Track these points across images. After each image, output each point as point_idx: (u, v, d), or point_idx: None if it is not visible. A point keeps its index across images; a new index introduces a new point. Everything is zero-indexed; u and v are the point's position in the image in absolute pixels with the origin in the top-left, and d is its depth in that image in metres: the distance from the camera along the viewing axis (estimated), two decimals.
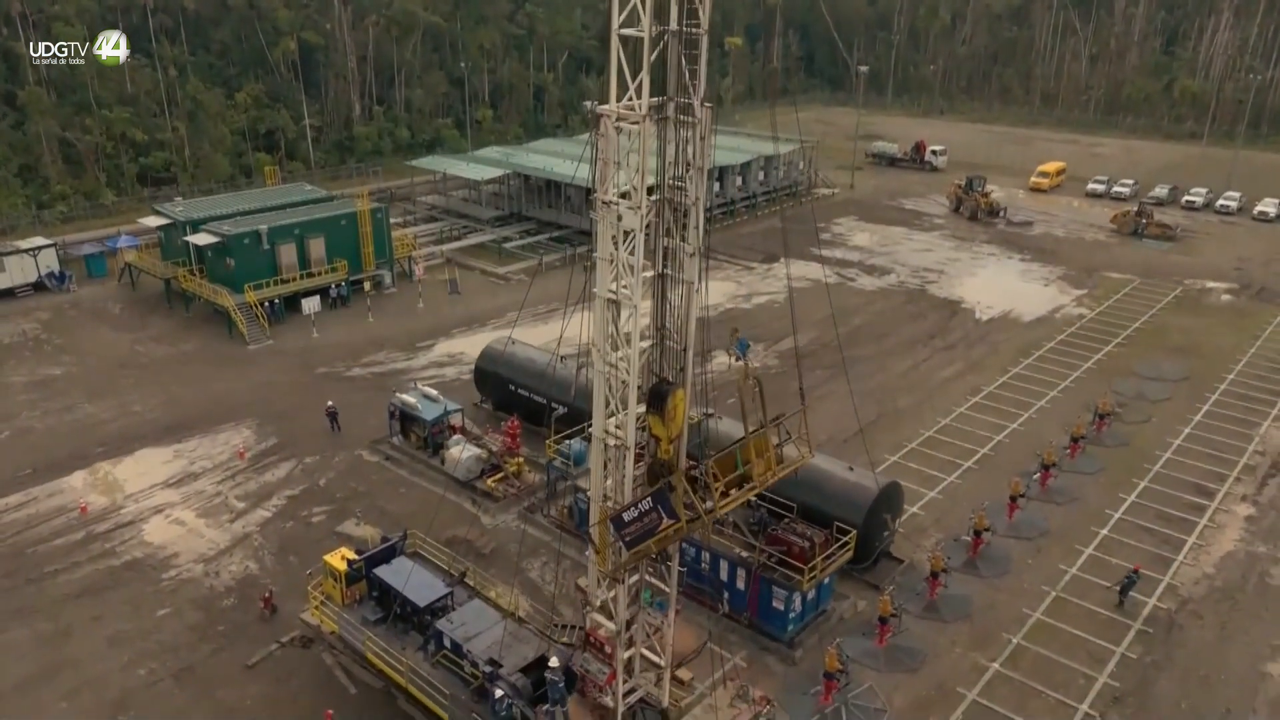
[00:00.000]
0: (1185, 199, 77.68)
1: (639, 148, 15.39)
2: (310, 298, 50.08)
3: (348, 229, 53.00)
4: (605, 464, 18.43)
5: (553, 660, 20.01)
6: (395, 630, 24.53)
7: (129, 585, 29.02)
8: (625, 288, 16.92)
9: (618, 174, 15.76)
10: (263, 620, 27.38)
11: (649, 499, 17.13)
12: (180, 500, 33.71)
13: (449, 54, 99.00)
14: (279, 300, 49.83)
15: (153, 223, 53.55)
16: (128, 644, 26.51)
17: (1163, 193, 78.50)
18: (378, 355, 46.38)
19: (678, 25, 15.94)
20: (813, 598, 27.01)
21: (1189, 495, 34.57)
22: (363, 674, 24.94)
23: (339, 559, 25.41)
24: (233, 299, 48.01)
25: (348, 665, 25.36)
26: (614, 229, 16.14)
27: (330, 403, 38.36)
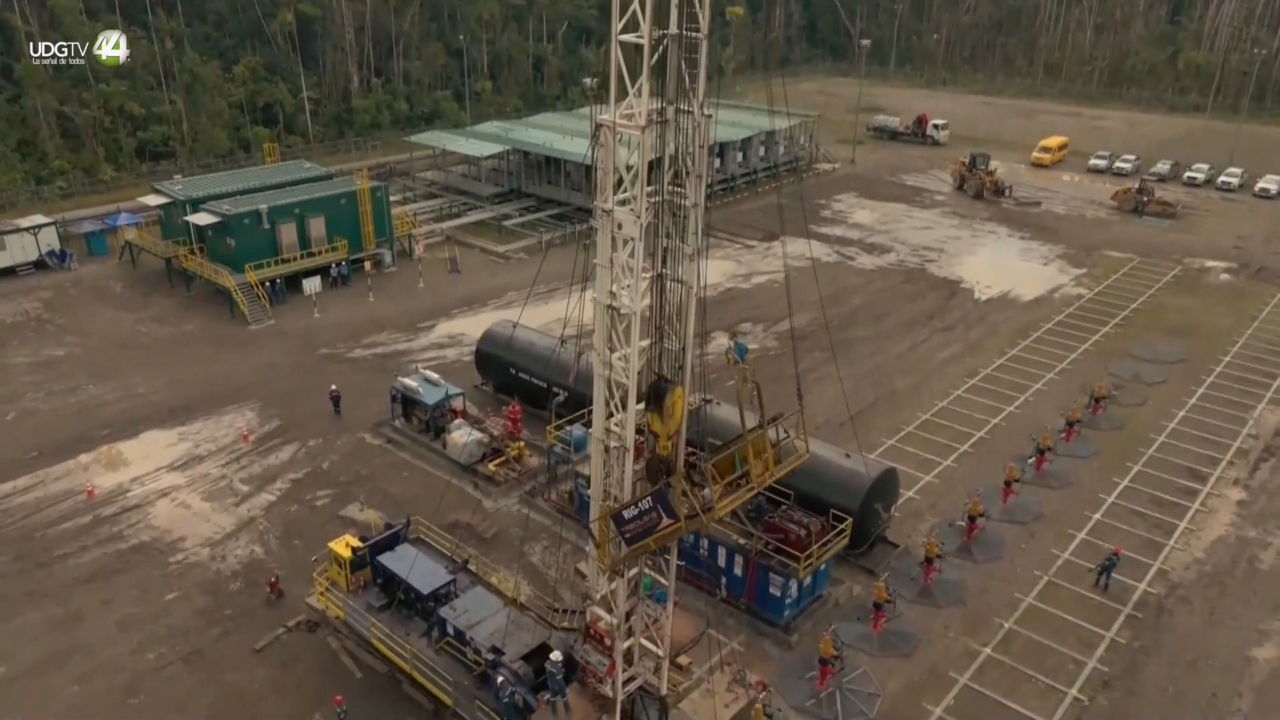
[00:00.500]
0: (1187, 175, 77.45)
1: (639, 157, 15.52)
2: (311, 278, 50.20)
3: (348, 208, 53.01)
4: (605, 463, 18.73)
5: (554, 654, 20.48)
6: (399, 616, 25.05)
7: (137, 569, 29.53)
8: (625, 289, 17.12)
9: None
10: (269, 604, 27.89)
11: (649, 498, 17.47)
12: (186, 483, 34.14)
13: (447, 25, 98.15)
14: (280, 280, 49.97)
15: (152, 201, 53.53)
16: (137, 628, 27.04)
17: (1164, 169, 78.24)
18: (379, 336, 46.62)
19: (677, 30, 16.05)
20: (809, 583, 27.50)
21: (1182, 479, 34.99)
22: (368, 658, 25.49)
23: (343, 546, 25.86)
24: (234, 279, 48.16)
25: (353, 650, 25.90)
26: (614, 235, 16.31)
27: (334, 387, 38.67)
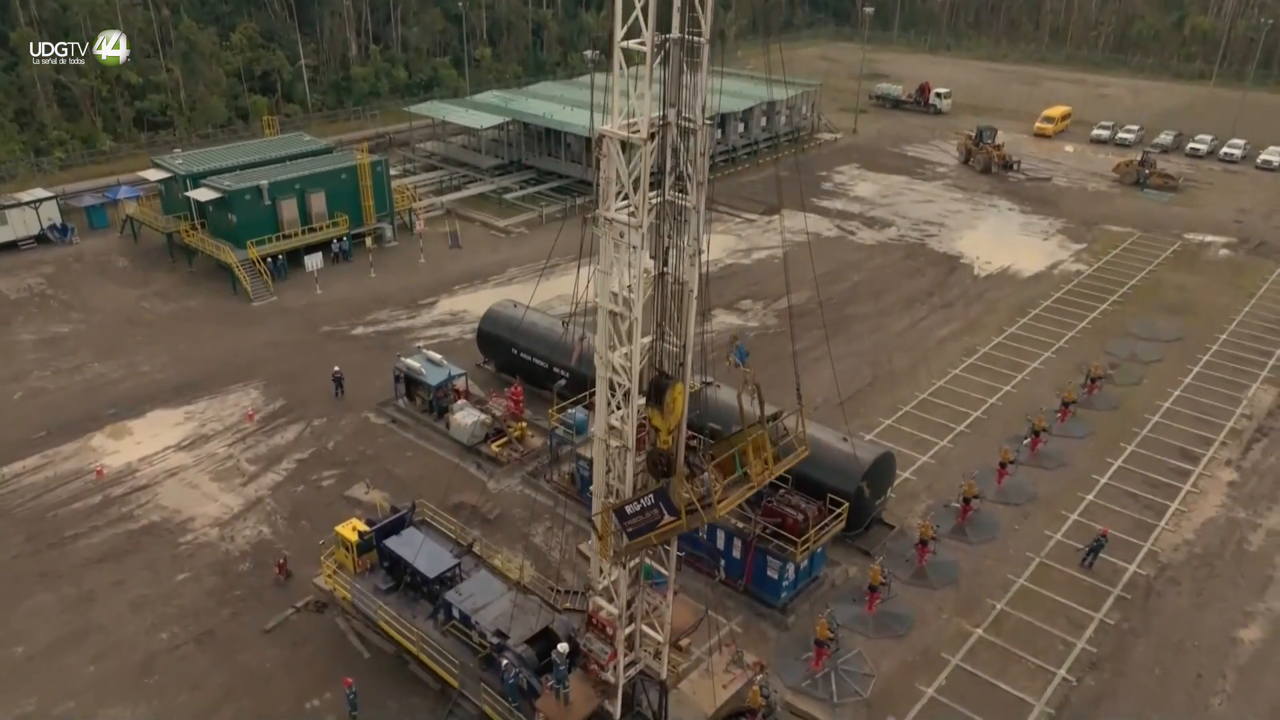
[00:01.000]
0: (1189, 146, 77.15)
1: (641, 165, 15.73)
2: (313, 254, 50.28)
3: (348, 182, 52.95)
4: (607, 460, 19.15)
5: (561, 646, 21.09)
6: (406, 599, 25.71)
7: (147, 550, 30.12)
8: (629, 290, 17.42)
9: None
10: (278, 585, 28.52)
11: (651, 495, 17.92)
12: (193, 463, 34.64)
13: None
14: (282, 256, 50.11)
15: (152, 176, 53.46)
16: (149, 608, 27.69)
17: (1167, 140, 77.95)
18: (380, 313, 46.87)
19: (679, 34, 16.18)
20: (806, 566, 28.11)
21: (1174, 460, 35.52)
22: (376, 639, 26.15)
23: (350, 530, 26.45)
24: (235, 255, 48.30)
25: (361, 630, 26.55)
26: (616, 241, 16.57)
27: (336, 368, 39.03)
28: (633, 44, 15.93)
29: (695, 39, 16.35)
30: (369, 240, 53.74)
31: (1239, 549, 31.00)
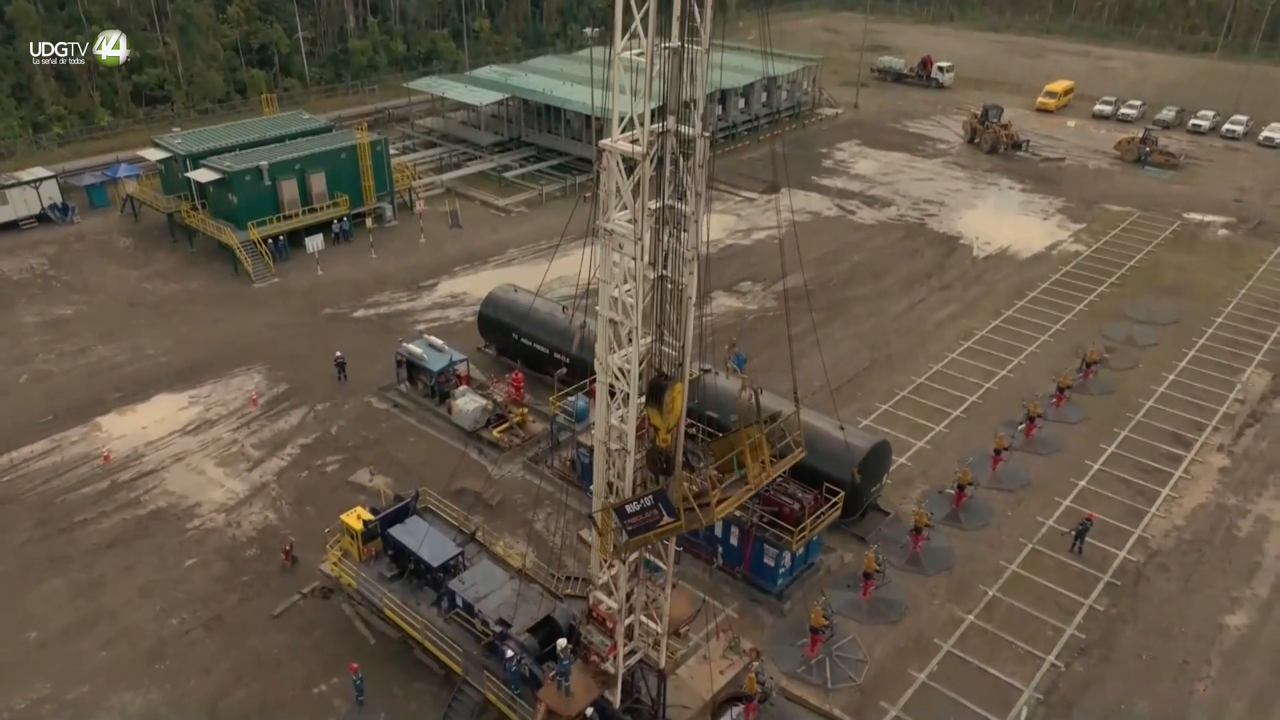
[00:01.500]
0: (1191, 123, 76.84)
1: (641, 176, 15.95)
2: (314, 235, 50.38)
3: (348, 162, 52.91)
4: (607, 460, 19.56)
5: (561, 642, 21.64)
6: (410, 586, 26.24)
7: (156, 535, 30.66)
8: (628, 293, 17.70)
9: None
10: (284, 571, 29.08)
11: (651, 496, 18.34)
12: (199, 448, 35.10)
13: None
14: (283, 237, 50.23)
15: (152, 156, 53.39)
16: (159, 594, 28.27)
17: (1169, 115, 77.62)
18: (381, 295, 47.09)
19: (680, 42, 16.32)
20: (802, 553, 28.63)
21: (1167, 445, 35.98)
22: (381, 625, 26.74)
23: (355, 518, 26.92)
24: (236, 236, 48.42)
25: (366, 616, 27.14)
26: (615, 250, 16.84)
27: (339, 353, 39.33)
28: (632, 55, 16.08)
29: (695, 47, 16.52)
30: (369, 220, 53.82)
31: (1228, 535, 31.54)
